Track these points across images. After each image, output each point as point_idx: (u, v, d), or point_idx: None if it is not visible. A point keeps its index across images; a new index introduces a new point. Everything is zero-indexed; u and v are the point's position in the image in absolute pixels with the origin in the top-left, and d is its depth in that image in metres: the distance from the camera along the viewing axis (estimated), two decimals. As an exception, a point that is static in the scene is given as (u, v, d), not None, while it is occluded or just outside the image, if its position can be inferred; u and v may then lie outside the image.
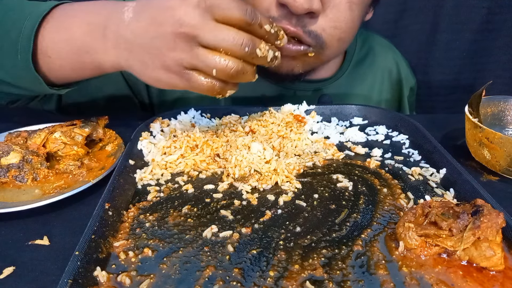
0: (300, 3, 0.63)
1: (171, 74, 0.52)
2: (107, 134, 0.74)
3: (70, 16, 0.60)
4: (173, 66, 0.51)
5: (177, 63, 0.50)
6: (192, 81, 0.52)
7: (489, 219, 0.43)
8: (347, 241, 0.47)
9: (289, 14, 0.67)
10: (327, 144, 0.71)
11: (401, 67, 1.04)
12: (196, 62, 0.50)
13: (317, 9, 0.66)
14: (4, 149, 0.63)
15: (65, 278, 0.39)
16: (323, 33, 0.71)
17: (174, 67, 0.51)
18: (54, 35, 0.59)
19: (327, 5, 0.68)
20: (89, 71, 0.61)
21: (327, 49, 0.74)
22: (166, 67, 0.51)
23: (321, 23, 0.70)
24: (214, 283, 0.42)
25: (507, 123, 0.75)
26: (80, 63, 0.59)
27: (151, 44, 0.51)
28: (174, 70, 0.51)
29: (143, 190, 0.59)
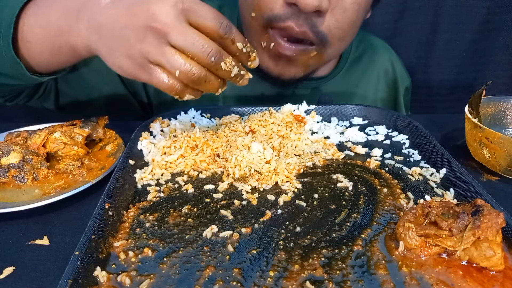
0: (310, 1, 0.64)
1: (135, 64, 0.52)
2: (107, 134, 0.74)
3: (50, 2, 0.61)
4: (137, 57, 0.51)
5: (142, 55, 0.50)
6: (153, 75, 0.51)
7: (489, 219, 0.43)
8: (347, 241, 0.47)
9: (296, 13, 0.68)
10: (327, 144, 0.71)
11: (396, 67, 1.05)
12: (161, 59, 0.50)
13: (326, 7, 0.67)
14: (4, 149, 0.63)
15: (65, 278, 0.39)
16: (329, 33, 0.72)
17: (138, 59, 0.51)
18: (33, 20, 0.60)
19: (333, 5, 0.69)
20: (65, 55, 0.61)
21: (329, 48, 0.76)
22: (131, 56, 0.51)
23: (327, 22, 0.71)
24: (214, 283, 0.41)
25: (507, 123, 0.75)
26: (57, 47, 0.60)
27: (121, 32, 0.51)
28: (138, 61, 0.51)
29: (143, 190, 0.59)
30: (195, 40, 0.50)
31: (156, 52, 0.50)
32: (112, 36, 0.52)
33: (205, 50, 0.50)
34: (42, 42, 0.60)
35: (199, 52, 0.50)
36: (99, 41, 0.54)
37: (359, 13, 0.73)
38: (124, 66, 0.52)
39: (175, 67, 0.50)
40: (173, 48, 0.50)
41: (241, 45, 0.54)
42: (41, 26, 0.59)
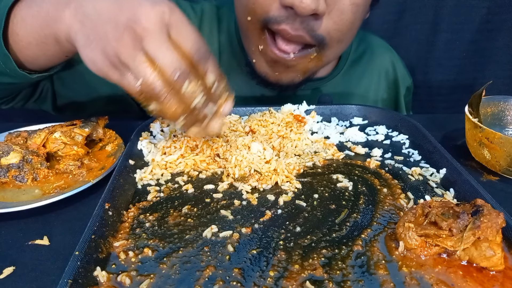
0: (307, 3, 0.63)
1: (108, 62, 0.50)
2: (107, 134, 0.74)
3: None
4: (111, 55, 0.49)
5: (115, 54, 0.49)
6: (124, 77, 0.50)
7: (489, 219, 0.43)
8: (347, 241, 0.47)
9: (292, 15, 0.67)
10: (327, 144, 0.71)
11: (397, 67, 1.04)
12: (130, 63, 0.48)
13: (322, 10, 0.66)
14: (4, 149, 0.62)
15: (65, 278, 0.39)
16: (327, 35, 0.72)
17: (112, 57, 0.49)
18: (25, 11, 0.60)
19: (331, 7, 0.68)
20: (50, 46, 0.61)
21: (328, 50, 0.75)
22: (106, 53, 0.49)
23: (325, 25, 0.70)
24: (214, 283, 0.41)
25: (507, 123, 0.75)
26: (42, 37, 0.60)
27: (102, 25, 0.49)
28: (111, 59, 0.49)
29: (143, 190, 0.59)
30: (167, 52, 0.48)
31: (127, 55, 0.48)
32: (93, 28, 0.50)
33: (172, 64, 0.48)
34: (30, 32, 0.60)
35: (165, 64, 0.48)
36: (79, 31, 0.52)
37: (357, 15, 0.73)
38: (97, 61, 0.50)
39: (139, 75, 0.48)
40: (144, 56, 0.48)
41: (212, 79, 0.52)
42: (31, 16, 0.59)
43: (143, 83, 0.48)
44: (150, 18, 0.48)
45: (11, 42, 0.62)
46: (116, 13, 0.49)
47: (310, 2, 0.63)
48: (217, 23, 0.90)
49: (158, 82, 0.48)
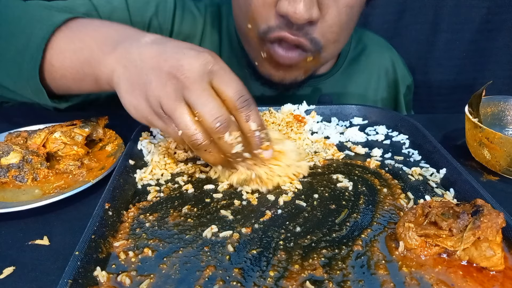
0: (300, 14, 0.64)
1: (151, 109, 0.51)
2: (107, 134, 0.74)
3: (89, 29, 0.60)
4: (154, 104, 0.50)
5: (158, 103, 0.50)
6: (169, 126, 0.51)
7: (489, 219, 0.43)
8: (347, 241, 0.47)
9: (289, 23, 0.68)
10: (327, 144, 0.71)
11: (397, 66, 1.04)
12: (172, 113, 0.49)
13: (316, 17, 0.67)
14: (4, 149, 0.63)
15: (65, 278, 0.39)
16: (322, 38, 0.73)
17: (154, 105, 0.50)
18: (64, 44, 0.58)
19: (325, 11, 0.69)
20: (87, 83, 0.60)
21: (324, 52, 0.76)
22: (149, 100, 0.50)
23: (320, 29, 0.71)
24: (214, 283, 0.41)
25: (507, 123, 0.75)
26: (81, 74, 0.59)
27: (147, 72, 0.50)
28: (154, 107, 0.50)
29: (143, 190, 0.59)
30: (208, 100, 0.48)
31: (170, 105, 0.49)
32: (138, 74, 0.51)
33: (213, 113, 0.48)
34: (67, 67, 0.59)
35: (206, 113, 0.48)
36: (122, 75, 0.52)
37: (351, 15, 0.73)
38: (140, 107, 0.51)
39: (180, 127, 0.49)
40: (185, 106, 0.49)
41: (254, 126, 0.52)
42: (72, 52, 0.58)
43: (183, 135, 0.50)
44: (194, 68, 0.48)
45: (44, 70, 0.60)
46: (158, 60, 0.50)
47: (304, 12, 0.64)
48: (218, 22, 0.91)
49: (199, 134, 0.49)
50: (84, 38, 0.58)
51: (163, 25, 0.84)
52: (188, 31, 0.87)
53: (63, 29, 0.59)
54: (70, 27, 0.60)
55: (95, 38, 0.57)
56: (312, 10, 0.65)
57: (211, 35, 0.90)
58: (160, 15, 0.83)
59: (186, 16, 0.87)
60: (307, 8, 0.64)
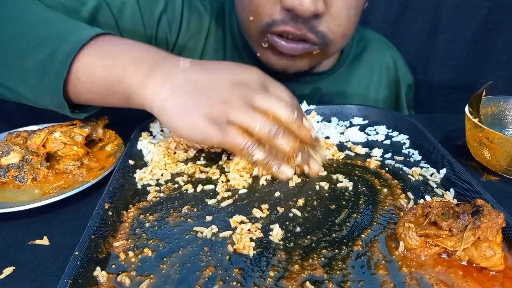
0: (306, 7, 0.65)
1: (211, 123, 0.53)
2: (107, 134, 0.74)
3: (119, 47, 0.60)
4: (217, 116, 0.53)
5: (223, 114, 0.53)
6: (229, 133, 0.53)
7: (489, 219, 0.43)
8: (347, 241, 0.47)
9: (294, 16, 0.69)
10: (327, 144, 0.71)
11: (398, 64, 1.04)
12: (244, 117, 0.53)
13: (322, 10, 0.68)
14: (4, 149, 0.63)
15: (65, 278, 0.39)
16: (329, 32, 0.73)
17: (218, 118, 0.53)
18: (93, 60, 0.58)
19: (330, 4, 0.70)
20: (115, 100, 0.60)
21: (332, 46, 0.77)
22: (210, 115, 0.53)
23: (326, 22, 0.71)
24: (214, 283, 0.41)
25: (507, 123, 0.75)
26: (111, 91, 0.59)
27: (204, 91, 0.54)
28: (216, 120, 0.53)
29: (143, 190, 0.59)
30: (276, 100, 0.55)
31: (239, 112, 0.53)
32: (191, 96, 0.54)
33: (287, 108, 0.55)
34: (94, 82, 0.58)
35: (281, 109, 0.54)
36: (170, 99, 0.54)
37: (357, 9, 0.74)
38: (198, 125, 0.53)
39: (255, 122, 0.53)
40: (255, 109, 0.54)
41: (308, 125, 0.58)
42: (100, 67, 0.57)
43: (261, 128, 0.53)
44: (254, 80, 0.56)
45: (69, 83, 0.59)
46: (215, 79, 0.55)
47: (310, 5, 0.65)
48: (222, 18, 0.91)
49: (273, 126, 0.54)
50: (114, 56, 0.58)
51: (172, 22, 0.84)
52: (195, 28, 0.88)
53: (92, 45, 0.58)
54: (99, 43, 0.59)
55: (127, 57, 0.58)
56: (318, 3, 0.66)
57: (216, 31, 0.91)
58: (169, 12, 0.84)
59: (193, 14, 0.87)
60: (313, 1, 0.65)
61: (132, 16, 0.79)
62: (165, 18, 0.84)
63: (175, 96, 0.54)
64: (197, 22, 0.88)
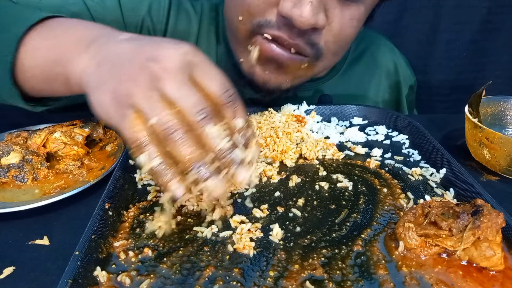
0: (306, 18, 0.59)
1: (114, 102, 0.44)
2: (107, 134, 0.74)
3: (64, 28, 0.57)
4: (122, 96, 0.44)
5: (127, 95, 0.43)
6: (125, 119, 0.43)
7: (489, 219, 0.43)
8: (347, 241, 0.47)
9: (290, 24, 0.63)
10: (327, 144, 0.71)
11: (399, 67, 1.02)
12: (144, 102, 0.42)
13: (322, 25, 0.63)
14: (4, 149, 0.63)
15: (65, 278, 0.39)
16: (323, 47, 0.69)
17: (122, 98, 0.44)
18: (37, 43, 0.56)
19: (330, 20, 0.65)
20: (59, 84, 0.56)
21: (321, 62, 0.72)
22: (115, 93, 0.44)
23: (325, 37, 0.67)
24: (214, 283, 0.42)
25: (507, 123, 0.75)
26: (53, 74, 0.55)
27: (120, 66, 0.45)
28: (119, 100, 0.44)
29: (143, 190, 0.59)
30: (190, 93, 0.43)
31: (142, 95, 0.43)
32: (109, 70, 0.46)
33: (197, 106, 0.42)
34: (39, 66, 0.56)
35: (189, 105, 0.42)
36: (93, 73, 0.48)
37: (356, 30, 0.71)
38: (104, 103, 0.45)
39: (154, 113, 0.42)
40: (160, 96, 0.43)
41: (240, 124, 0.46)
42: (44, 49, 0.55)
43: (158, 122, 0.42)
44: (172, 58, 0.43)
45: (17, 71, 0.57)
46: (135, 53, 0.46)
47: (310, 17, 0.59)
48: (215, 22, 0.90)
49: (176, 120, 0.42)
50: (58, 36, 0.55)
51: (156, 24, 0.82)
52: (183, 30, 0.85)
53: (38, 28, 0.56)
54: (46, 26, 0.57)
55: (70, 36, 0.54)
56: (318, 16, 0.61)
57: (208, 35, 0.88)
58: (154, 14, 0.82)
59: (181, 15, 0.85)
60: (314, 12, 0.60)
61: (114, 22, 0.77)
62: (148, 21, 0.81)
63: (97, 69, 0.47)
64: (185, 24, 0.86)
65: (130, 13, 0.80)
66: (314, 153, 0.67)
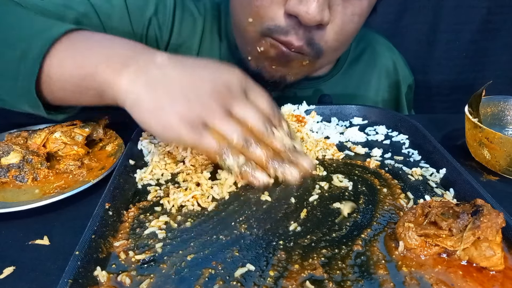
0: (312, 15, 0.63)
1: (186, 124, 0.51)
2: (107, 134, 0.74)
3: (92, 42, 0.58)
4: (193, 119, 0.51)
5: (199, 118, 0.51)
6: (203, 137, 0.52)
7: (489, 219, 0.43)
8: (347, 241, 0.47)
9: (296, 25, 0.67)
10: (327, 144, 0.71)
11: (398, 66, 1.03)
12: (222, 125, 0.52)
13: (327, 21, 0.66)
14: (4, 149, 0.63)
15: (65, 278, 0.39)
16: (325, 45, 0.71)
17: (194, 120, 0.51)
18: (64, 57, 0.56)
19: (333, 17, 0.68)
20: (89, 97, 0.58)
21: (322, 58, 0.75)
22: (185, 117, 0.51)
23: (326, 35, 0.70)
24: (214, 283, 0.42)
25: (507, 123, 0.75)
26: (83, 88, 0.56)
27: (182, 91, 0.51)
28: (192, 122, 0.51)
29: (143, 190, 0.59)
30: (253, 111, 0.55)
31: (217, 118, 0.52)
32: (167, 94, 0.51)
33: (261, 120, 0.55)
34: (67, 80, 0.56)
35: (255, 121, 0.54)
36: (144, 96, 0.51)
37: (358, 25, 0.72)
38: (172, 124, 0.51)
39: (232, 132, 0.53)
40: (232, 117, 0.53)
41: (286, 127, 0.60)
42: (73, 65, 0.56)
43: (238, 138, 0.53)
44: (236, 84, 0.54)
45: (42, 83, 0.57)
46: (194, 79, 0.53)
47: (316, 14, 0.62)
48: (217, 23, 0.90)
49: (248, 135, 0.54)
50: (86, 51, 0.56)
51: (162, 25, 0.83)
52: (188, 31, 0.86)
53: (64, 41, 0.57)
54: (71, 39, 0.57)
55: (100, 52, 0.56)
56: (324, 12, 0.64)
57: (211, 35, 0.89)
58: (160, 15, 0.82)
59: (186, 16, 0.86)
60: (320, 9, 0.63)
61: (120, 20, 0.78)
62: (155, 22, 0.81)
63: (149, 91, 0.51)
64: (190, 25, 0.86)
65: (137, 13, 0.80)
66: (314, 153, 0.67)
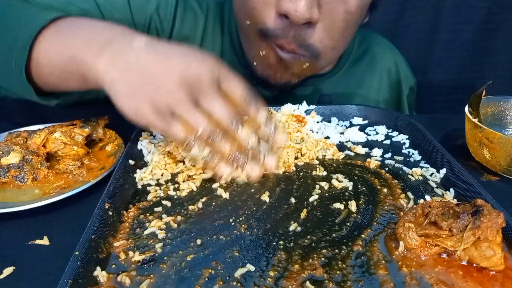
0: (301, 13, 0.65)
1: (155, 112, 0.51)
2: (107, 134, 0.74)
3: (74, 29, 0.60)
4: (162, 107, 0.51)
5: (168, 106, 0.51)
6: (171, 126, 0.52)
7: (489, 219, 0.43)
8: (347, 241, 0.47)
9: (287, 26, 0.68)
10: (327, 144, 0.71)
11: (400, 67, 1.03)
12: (188, 116, 0.51)
13: (316, 18, 0.67)
14: (4, 149, 0.63)
15: (65, 278, 0.39)
16: (319, 45, 0.72)
17: (162, 108, 0.51)
18: (50, 43, 0.59)
19: (324, 15, 0.69)
20: (74, 81, 0.60)
21: (321, 59, 0.76)
22: (155, 104, 0.51)
23: (318, 34, 0.71)
24: (214, 283, 0.41)
25: (507, 123, 0.75)
26: (67, 73, 0.59)
27: (152, 78, 0.51)
28: (160, 110, 0.51)
29: (143, 190, 0.59)
30: (222, 106, 0.53)
31: (184, 108, 0.51)
32: (139, 79, 0.51)
33: (228, 116, 0.53)
34: (53, 65, 0.59)
35: (223, 117, 0.53)
36: (118, 80, 0.52)
37: (350, 22, 0.73)
38: (142, 111, 0.51)
39: (198, 124, 0.52)
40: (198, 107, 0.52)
41: (263, 117, 0.56)
42: (58, 50, 0.58)
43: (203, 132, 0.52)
44: (206, 73, 0.52)
45: (31, 68, 0.60)
46: (166, 67, 0.51)
47: (304, 11, 0.64)
48: (220, 21, 0.90)
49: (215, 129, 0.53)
50: (70, 37, 0.58)
51: (164, 21, 0.83)
52: (189, 29, 0.87)
53: (51, 28, 0.59)
54: (58, 26, 0.60)
55: (81, 37, 0.57)
56: (312, 10, 0.66)
57: (213, 33, 0.89)
58: (161, 12, 0.83)
59: (188, 13, 0.86)
60: (308, 7, 0.64)
61: (122, 17, 0.79)
62: (156, 18, 0.82)
63: (123, 77, 0.52)
64: (191, 23, 0.87)
65: (139, 10, 0.81)
66: (314, 153, 0.67)
